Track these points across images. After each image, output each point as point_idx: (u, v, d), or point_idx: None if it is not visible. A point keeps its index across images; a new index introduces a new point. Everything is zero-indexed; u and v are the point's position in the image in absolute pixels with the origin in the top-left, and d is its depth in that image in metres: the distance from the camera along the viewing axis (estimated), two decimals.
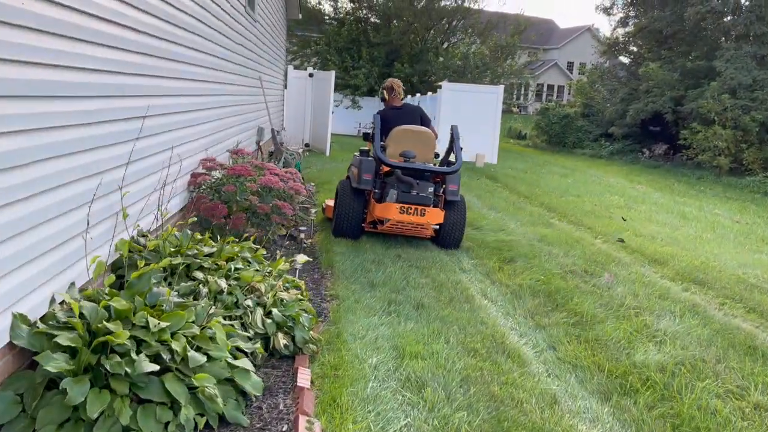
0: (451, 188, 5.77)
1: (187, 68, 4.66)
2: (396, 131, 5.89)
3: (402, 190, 5.55)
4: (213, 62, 5.64)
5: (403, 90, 6.56)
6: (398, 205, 5.47)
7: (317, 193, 8.49)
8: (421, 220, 5.49)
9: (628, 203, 10.83)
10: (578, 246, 6.56)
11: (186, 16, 4.54)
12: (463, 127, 15.24)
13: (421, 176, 5.68)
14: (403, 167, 5.60)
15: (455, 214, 5.81)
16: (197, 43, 4.94)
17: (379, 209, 5.58)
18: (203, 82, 5.17)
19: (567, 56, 51.44)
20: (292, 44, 29.00)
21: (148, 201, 3.74)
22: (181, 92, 4.49)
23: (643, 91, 22.13)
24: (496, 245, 6.12)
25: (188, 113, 4.74)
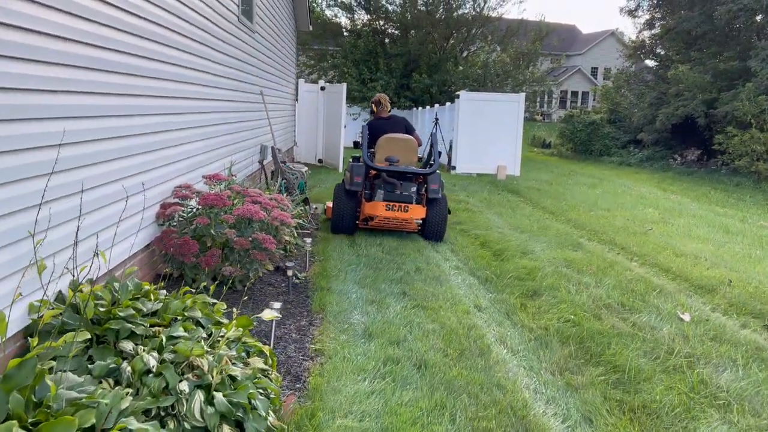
0: (433, 187, 6.45)
1: (150, 83, 4.04)
2: (382, 139, 6.66)
3: (387, 190, 6.37)
4: (192, 76, 5.04)
5: (389, 103, 7.38)
6: (384, 203, 6.28)
7: (324, 221, 7.83)
8: (405, 216, 6.31)
9: (664, 216, 9.95)
10: (612, 272, 5.77)
11: (148, 24, 3.94)
12: (484, 137, 14.65)
13: (404, 177, 6.46)
14: (386, 170, 6.40)
15: (437, 209, 6.52)
16: (165, 55, 4.34)
17: (369, 207, 6.41)
18: (175, 98, 4.56)
19: (591, 62, 50.35)
20: (309, 58, 28.67)
21: (99, 240, 3.11)
22: (141, 111, 3.87)
23: (672, 95, 21.12)
24: (519, 274, 5.37)
25: (155, 135, 4.13)
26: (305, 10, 13.47)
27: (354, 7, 27.52)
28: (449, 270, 5.44)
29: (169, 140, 4.41)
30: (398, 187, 6.38)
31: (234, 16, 6.73)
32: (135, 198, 3.79)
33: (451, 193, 10.51)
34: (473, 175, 14.10)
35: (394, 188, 6.37)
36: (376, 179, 6.55)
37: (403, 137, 6.72)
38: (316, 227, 6.96)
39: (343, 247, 6.00)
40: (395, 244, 6.20)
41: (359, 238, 6.43)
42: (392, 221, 6.40)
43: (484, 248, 6.42)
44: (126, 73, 3.59)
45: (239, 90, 7.17)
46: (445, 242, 6.63)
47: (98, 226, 3.19)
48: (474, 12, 26.15)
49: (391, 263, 5.39)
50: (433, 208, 6.49)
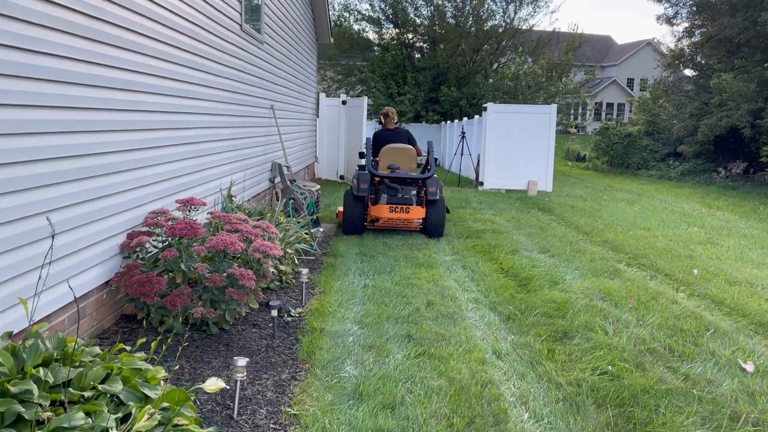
0: (431, 190, 7.18)
1: (117, 96, 3.53)
2: (385, 149, 7.54)
3: (390, 194, 7.15)
4: (178, 89, 4.53)
5: (396, 116, 8.17)
6: (388, 206, 7.07)
7: (332, 237, 7.24)
8: (407, 216, 7.09)
9: (711, 237, 9.07)
10: (655, 305, 5.02)
11: (121, 30, 3.44)
12: (513, 152, 13.92)
13: (404, 182, 7.23)
14: (389, 177, 7.18)
15: (436, 209, 7.26)
16: (139, 65, 3.83)
17: (374, 210, 7.21)
18: (152, 112, 4.04)
19: (626, 72, 49.09)
20: (336, 73, 28.37)
21: (33, 280, 2.58)
22: (103, 127, 3.35)
23: (715, 105, 20.02)
24: (547, 310, 4.67)
25: (123, 153, 3.60)
26: (326, 23, 13.03)
27: (382, 21, 27.16)
28: (466, 304, 4.77)
29: (143, 160, 3.88)
30: (400, 191, 7.21)
31: (235, 24, 6.24)
32: (96, 226, 3.27)
33: (477, 212, 9.83)
34: (502, 192, 13.38)
35: (396, 192, 7.20)
36: (380, 185, 7.39)
37: (403, 147, 7.63)
38: (323, 252, 6.37)
39: (348, 276, 5.39)
40: (408, 273, 5.57)
41: (368, 265, 5.82)
42: (395, 221, 7.29)
43: (508, 276, 5.73)
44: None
45: (243, 104, 6.67)
46: (465, 269, 5.96)
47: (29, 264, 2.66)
48: (504, 23, 25.48)
49: (399, 297, 4.75)
50: (432, 208, 7.27)
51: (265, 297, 4.42)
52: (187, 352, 3.25)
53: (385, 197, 7.14)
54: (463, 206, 10.38)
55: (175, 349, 3.26)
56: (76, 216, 3.06)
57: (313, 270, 5.57)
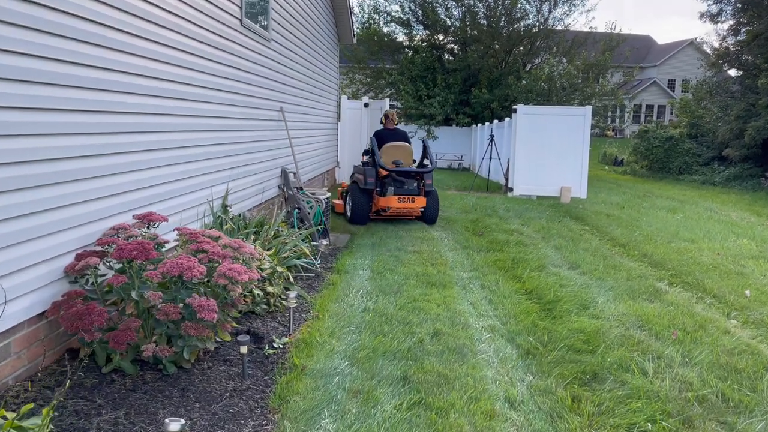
0: (428, 182, 8.18)
1: (77, 95, 3.03)
2: (386, 146, 8.46)
3: (397, 187, 8.06)
4: (156, 88, 4.03)
5: (396, 117, 9.01)
6: (397, 197, 8.01)
7: (341, 250, 6.66)
8: (412, 206, 8.06)
9: (763, 250, 8.20)
10: (704, 337, 4.30)
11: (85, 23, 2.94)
12: (545, 156, 13.15)
13: (408, 176, 8.17)
14: (396, 171, 8.10)
15: (432, 199, 8.32)
16: (104, 60, 3.33)
17: (383, 201, 8.13)
18: (120, 114, 3.54)
19: (667, 73, 47.39)
20: (366, 76, 27.91)
21: None
22: (53, 130, 2.85)
23: (763, 106, 18.82)
24: (574, 342, 4.00)
25: (76, 161, 3.10)
26: (348, 23, 12.52)
27: (412, 23, 26.57)
28: (480, 333, 4.14)
29: (104, 167, 3.38)
30: (406, 184, 8.13)
31: (233, 19, 5.74)
32: (31, 246, 2.77)
33: (503, 221, 9.15)
34: (533, 198, 12.63)
35: (403, 185, 8.12)
36: (385, 178, 8.23)
37: (402, 144, 8.61)
38: (327, 267, 5.81)
39: (349, 297, 4.81)
40: (417, 294, 4.95)
41: (373, 283, 5.23)
42: (402, 211, 8.23)
43: (531, 298, 5.07)
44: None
45: (244, 106, 6.17)
46: (484, 289, 5.32)
47: None
48: (538, 23, 24.61)
49: (402, 324, 4.14)
50: (429, 198, 8.30)
51: (244, 326, 3.87)
52: (131, 400, 2.72)
53: (392, 189, 8.08)
54: (489, 214, 9.70)
55: (118, 395, 2.73)
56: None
57: (312, 289, 5.01)
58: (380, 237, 7.45)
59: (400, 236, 7.47)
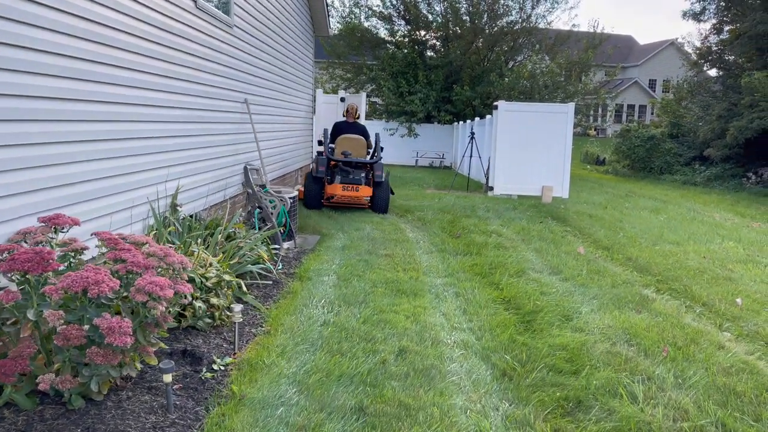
0: (377, 173, 8.66)
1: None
2: (340, 138, 9.13)
3: (342, 176, 8.66)
4: (80, 70, 3.52)
5: (356, 111, 9.69)
6: (341, 185, 8.59)
7: (308, 252, 6.17)
8: (356, 194, 8.56)
9: (751, 253, 7.89)
10: (697, 352, 3.91)
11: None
12: (526, 154, 12.75)
13: (355, 166, 8.76)
14: (342, 161, 8.70)
15: (381, 189, 8.74)
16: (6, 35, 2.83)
17: (330, 188, 8.71)
18: (39, 99, 3.03)
19: (648, 73, 47.49)
20: (346, 71, 27.37)
21: None
22: None
23: (745, 106, 18.66)
24: (556, 361, 3.58)
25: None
26: (323, 13, 12.01)
27: (393, 18, 26.07)
28: (451, 350, 3.70)
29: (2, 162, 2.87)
30: (351, 173, 8.73)
31: (188, 0, 5.23)
32: None
33: (482, 222, 8.74)
34: (514, 198, 12.25)
35: (348, 174, 8.73)
36: (335, 168, 8.90)
37: (356, 137, 9.21)
38: (289, 272, 5.33)
39: (308, 307, 4.34)
40: (385, 304, 4.50)
41: (338, 291, 4.77)
42: (347, 198, 8.73)
43: (509, 308, 4.65)
44: None
45: (199, 95, 5.66)
46: (458, 297, 4.89)
47: None
48: (521, 19, 24.29)
49: (365, 341, 3.68)
50: (378, 188, 8.79)
51: (181, 344, 3.38)
52: None
53: (339, 177, 8.72)
54: (468, 215, 9.28)
55: None
56: None
57: (268, 298, 4.54)
58: (352, 238, 7.00)
59: (372, 238, 7.02)
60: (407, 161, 24.06)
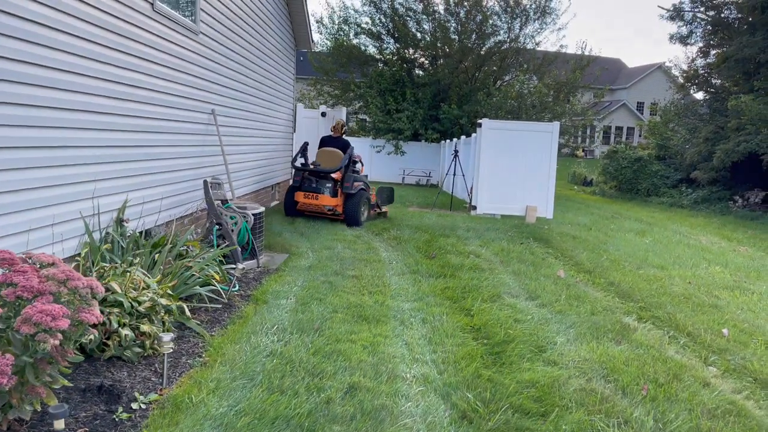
0: (346, 185, 9.05)
1: None
2: (319, 150, 9.50)
3: (307, 184, 9.17)
4: (22, 74, 3.18)
5: (342, 127, 9.97)
6: (303, 193, 9.16)
7: (272, 272, 5.79)
8: (316, 202, 9.07)
9: (737, 279, 7.60)
10: (679, 390, 3.57)
11: None
12: (510, 173, 12.46)
13: (319, 176, 9.14)
14: (305, 170, 9.23)
15: (351, 201, 9.03)
16: None
17: (296, 195, 9.25)
18: None
19: (636, 96, 47.79)
20: (334, 87, 27.18)
21: None
22: None
23: (732, 129, 18.59)
24: (523, 401, 3.22)
25: None
26: (305, 26, 11.76)
27: (382, 36, 25.95)
28: (409, 386, 3.33)
29: None
30: (314, 182, 9.17)
31: (143, 2, 4.91)
32: None
33: (461, 242, 8.40)
34: (497, 217, 11.94)
35: (311, 183, 9.18)
36: (303, 177, 9.29)
37: (331, 150, 9.44)
38: (246, 294, 4.94)
39: (257, 335, 3.95)
40: (342, 331, 4.12)
41: (293, 316, 4.39)
42: (309, 205, 9.23)
43: (478, 338, 4.28)
44: None
45: (157, 104, 5.32)
46: (425, 324, 4.53)
47: None
48: (509, 39, 24.24)
49: (311, 376, 3.30)
50: (348, 200, 9.09)
51: (100, 376, 2.99)
52: None
53: (304, 186, 9.24)
54: (447, 234, 8.95)
55: None
56: None
57: (216, 324, 4.15)
58: (320, 258, 6.63)
59: (342, 258, 6.65)
60: (394, 179, 23.79)
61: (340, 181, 9.17)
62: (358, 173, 9.64)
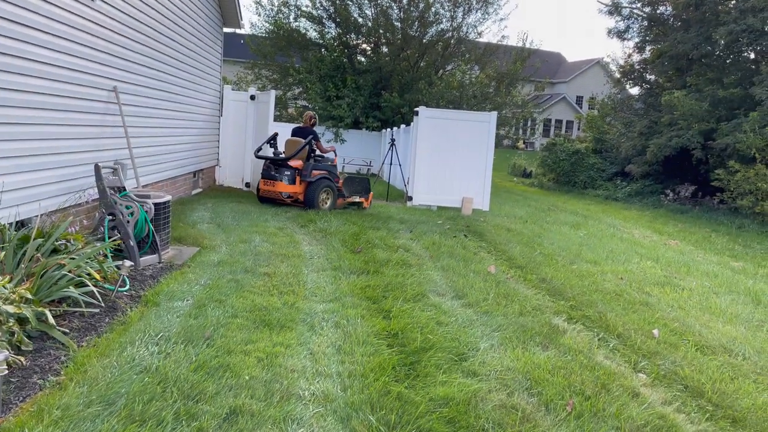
0: (303, 173, 9.55)
1: None
2: (286, 141, 9.91)
3: (266, 171, 9.68)
4: None
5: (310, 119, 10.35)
6: (263, 180, 9.71)
7: (175, 268, 5.19)
8: (273, 188, 9.58)
9: (669, 274, 7.51)
10: (607, 403, 3.26)
11: None
12: (447, 163, 12.07)
13: (277, 164, 9.59)
14: (264, 158, 9.70)
15: (310, 188, 9.56)
16: None
17: (260, 182, 9.82)
18: None
19: (576, 90, 48.76)
20: (272, 72, 26.28)
21: None
22: None
23: (665, 124, 18.96)
24: (432, 423, 2.81)
25: None
26: (233, 4, 11.03)
27: (324, 20, 25.21)
28: (305, 407, 2.87)
29: None
30: (272, 170, 9.55)
31: None
32: None
33: (391, 235, 8.00)
34: (433, 209, 11.62)
35: (270, 171, 9.58)
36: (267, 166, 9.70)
37: (294, 139, 9.81)
38: (136, 295, 4.35)
39: (134, 346, 3.38)
40: (238, 341, 3.61)
41: (184, 322, 3.84)
42: (269, 192, 9.66)
43: (394, 345, 3.86)
44: None
45: (36, 75, 4.62)
46: (338, 329, 4.07)
47: None
48: (451, 28, 24.00)
49: (186, 397, 2.79)
50: (308, 187, 9.54)
51: None
52: None
53: (264, 173, 9.66)
54: (378, 227, 8.52)
55: None
56: None
57: (91, 331, 3.57)
58: (234, 252, 6.07)
59: (258, 253, 6.11)
60: None
61: (300, 170, 9.52)
62: (321, 162, 10.00)
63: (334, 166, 10.33)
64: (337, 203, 10.10)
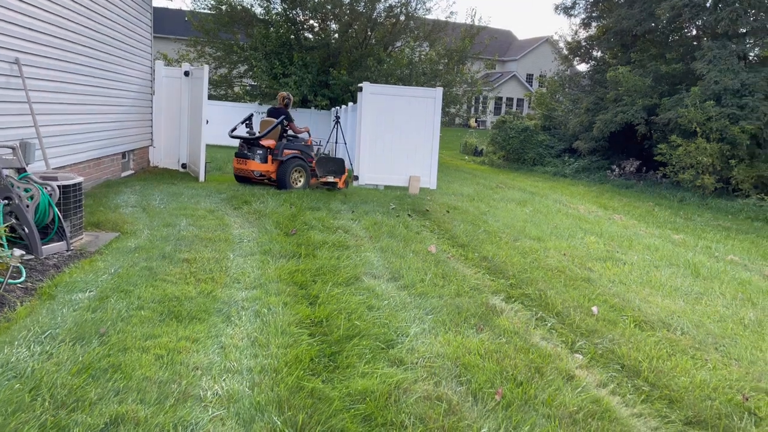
0: (275, 152, 9.72)
1: None
2: (261, 120, 10.16)
3: (239, 150, 9.89)
4: None
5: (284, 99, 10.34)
6: (236, 159, 9.90)
7: (86, 255, 4.75)
8: (245, 167, 9.75)
9: (611, 249, 7.45)
10: (539, 389, 3.06)
11: None
12: (393, 141, 11.82)
13: (248, 143, 9.75)
14: (239, 137, 9.85)
15: (282, 167, 9.68)
16: None
17: (233, 161, 10.06)
18: None
19: (526, 68, 49.05)
20: (216, 49, 25.32)
21: None
22: None
23: (610, 100, 19.11)
24: (345, 422, 2.54)
25: None
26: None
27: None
28: (203, 412, 2.55)
29: None
30: (245, 149, 9.71)
31: None
32: None
33: (332, 215, 7.67)
34: (380, 188, 11.32)
35: (242, 150, 9.74)
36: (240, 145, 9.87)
37: (270, 120, 9.90)
38: (35, 285, 3.91)
39: (13, 348, 2.98)
40: (138, 336, 3.24)
41: (79, 316, 3.45)
42: (241, 171, 9.82)
43: (316, 334, 3.57)
44: None
45: None
46: (257, 318, 3.74)
47: None
48: (400, 4, 23.55)
49: (60, 405, 2.42)
50: (280, 166, 9.63)
51: None
52: None
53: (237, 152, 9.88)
54: (318, 207, 8.17)
55: None
56: None
57: None
58: (155, 237, 5.64)
59: (181, 237, 5.70)
60: None
61: (272, 149, 9.66)
62: (294, 142, 10.09)
63: (309, 146, 10.33)
64: (311, 183, 10.11)
